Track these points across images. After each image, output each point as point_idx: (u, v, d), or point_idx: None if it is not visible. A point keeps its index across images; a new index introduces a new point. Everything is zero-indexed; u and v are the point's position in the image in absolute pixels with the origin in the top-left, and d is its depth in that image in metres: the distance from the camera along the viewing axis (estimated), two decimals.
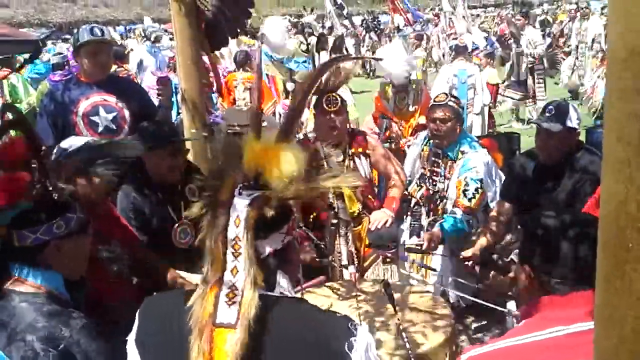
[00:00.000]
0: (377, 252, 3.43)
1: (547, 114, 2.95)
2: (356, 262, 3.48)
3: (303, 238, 3.12)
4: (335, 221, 3.36)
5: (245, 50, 6.50)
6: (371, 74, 15.38)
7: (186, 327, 1.25)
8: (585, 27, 12.17)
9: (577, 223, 1.44)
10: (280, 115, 6.01)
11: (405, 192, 3.78)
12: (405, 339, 2.30)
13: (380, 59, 2.88)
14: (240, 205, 1.28)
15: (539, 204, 3.05)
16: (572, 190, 2.92)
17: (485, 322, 3.78)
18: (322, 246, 3.16)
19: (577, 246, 1.39)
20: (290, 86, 4.95)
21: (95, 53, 3.23)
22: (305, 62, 6.77)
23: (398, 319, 2.35)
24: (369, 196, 3.54)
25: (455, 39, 9.17)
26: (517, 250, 1.92)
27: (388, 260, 3.45)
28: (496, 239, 3.26)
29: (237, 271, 1.26)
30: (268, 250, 1.33)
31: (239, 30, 3.66)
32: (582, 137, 3.46)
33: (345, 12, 16.68)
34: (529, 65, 8.68)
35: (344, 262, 3.48)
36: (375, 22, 17.15)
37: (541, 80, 8.87)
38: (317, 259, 3.17)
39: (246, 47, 7.53)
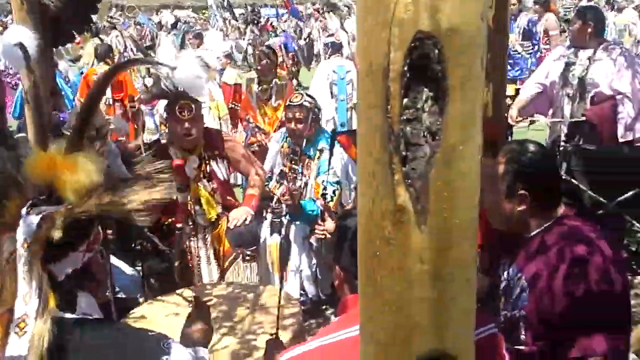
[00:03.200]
0: (237, 251, 3.41)
1: None
2: (215, 264, 3.46)
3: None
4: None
5: (107, 44, 6.20)
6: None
7: None
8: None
9: None
10: (143, 112, 5.80)
11: (267, 189, 3.78)
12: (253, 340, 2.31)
13: (174, 68, 2.80)
14: (28, 226, 1.18)
15: None
16: None
17: None
18: (168, 251, 3.08)
19: None
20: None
21: None
22: None
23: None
24: (228, 197, 3.50)
25: (332, 35, 9.32)
26: None
27: (248, 258, 3.44)
28: None
29: (30, 298, 1.16)
30: (65, 271, 1.25)
31: (85, 27, 3.47)
32: None
33: (225, 2, 16.44)
34: None
35: (203, 265, 3.44)
36: (255, 15, 17.06)
37: None
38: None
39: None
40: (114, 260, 3.40)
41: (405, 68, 0.74)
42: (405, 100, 0.76)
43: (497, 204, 1.89)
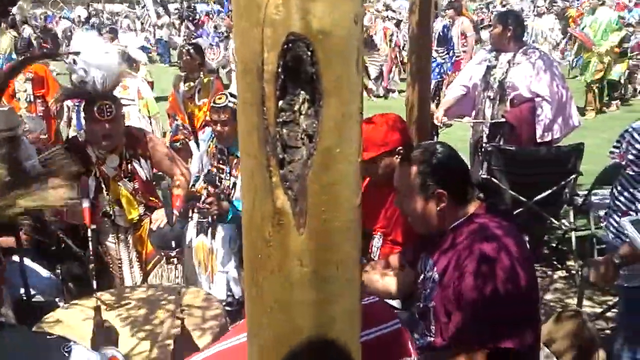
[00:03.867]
0: (161, 253, 3.33)
1: None
2: (138, 266, 3.37)
3: None
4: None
5: (27, 38, 5.93)
6: None
7: None
8: None
9: None
10: (70, 108, 5.60)
11: (193, 190, 3.71)
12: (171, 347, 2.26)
13: (77, 53, 2.72)
14: None
15: None
16: None
17: None
18: (82, 254, 2.97)
19: None
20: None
21: None
22: None
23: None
24: (152, 197, 3.41)
25: None
26: None
27: (172, 260, 3.37)
28: None
29: None
30: None
31: (2, 18, 3.31)
32: None
33: None
34: None
35: (125, 267, 3.35)
36: (190, 11, 16.76)
37: None
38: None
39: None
40: (30, 263, 3.27)
41: (279, 69, 0.74)
42: (280, 102, 0.75)
43: (417, 209, 1.94)
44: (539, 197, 3.88)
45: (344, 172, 0.79)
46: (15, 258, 2.96)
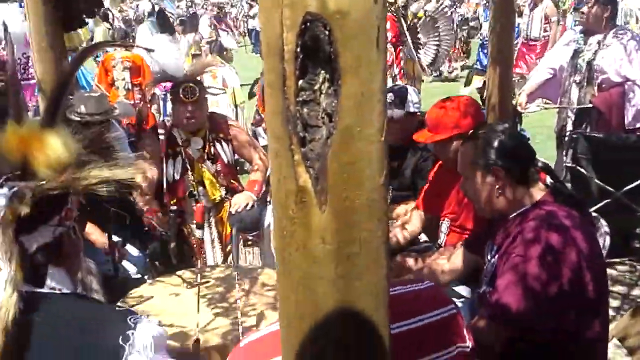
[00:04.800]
0: (239, 235, 3.46)
1: (388, 101, 3.07)
2: (219, 246, 3.53)
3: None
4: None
5: (124, 28, 6.29)
6: None
7: None
8: None
9: None
10: (158, 96, 5.90)
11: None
12: (240, 324, 2.35)
13: (151, 50, 2.84)
14: (1, 200, 1.20)
15: (388, 183, 3.18)
16: (415, 167, 3.08)
17: None
18: (163, 233, 3.14)
19: None
20: None
21: None
22: None
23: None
24: (232, 180, 3.55)
25: None
26: None
27: (249, 243, 3.49)
28: None
29: (0, 269, 1.19)
30: (35, 245, 1.27)
31: (96, 10, 3.53)
32: None
33: None
34: None
35: (207, 247, 3.51)
36: None
37: None
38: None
39: None
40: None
41: (298, 49, 0.75)
42: (300, 81, 0.77)
43: (477, 189, 1.92)
44: (628, 187, 3.63)
45: (365, 151, 0.79)
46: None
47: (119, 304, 2.41)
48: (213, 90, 5.82)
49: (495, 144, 1.89)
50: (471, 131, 2.47)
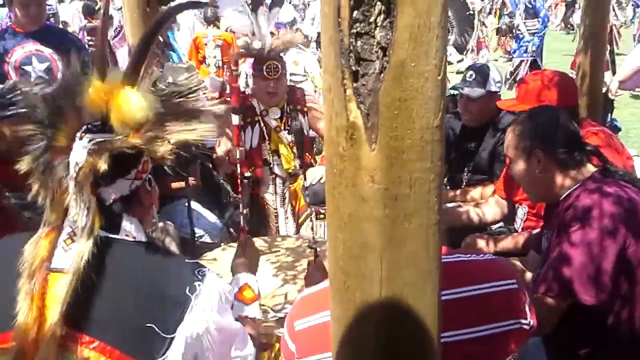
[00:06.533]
0: (312, 208, 3.48)
1: (468, 79, 2.97)
2: (292, 218, 3.58)
3: None
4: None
5: (214, 7, 6.45)
6: None
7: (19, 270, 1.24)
8: None
9: None
10: (246, 74, 6.01)
11: None
12: None
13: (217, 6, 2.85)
14: (80, 151, 1.26)
15: (463, 165, 3.09)
16: (493, 150, 2.96)
17: None
18: (238, 199, 3.21)
19: None
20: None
21: (26, 4, 3.23)
22: None
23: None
24: (307, 153, 3.57)
25: None
26: None
27: (321, 216, 3.50)
28: None
29: (79, 218, 1.25)
30: (113, 196, 1.31)
31: None
32: None
33: None
34: None
35: (280, 218, 3.56)
36: None
37: None
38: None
39: None
40: (201, 208, 3.64)
41: None
42: (355, 12, 0.75)
43: (520, 173, 1.92)
44: None
45: (418, 87, 0.77)
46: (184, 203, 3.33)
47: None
48: (295, 77, 5.86)
49: (536, 127, 1.87)
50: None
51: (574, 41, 9.26)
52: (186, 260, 1.40)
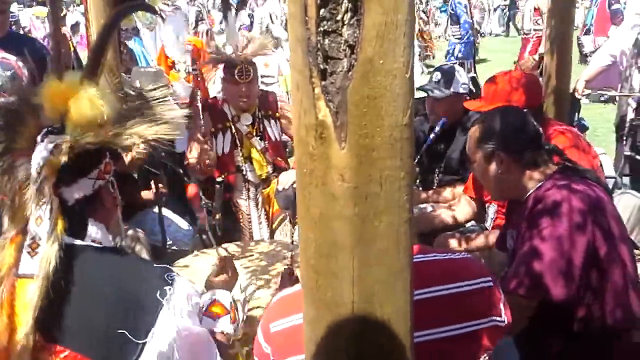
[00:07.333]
0: (285, 213, 3.47)
1: (435, 80, 3.00)
2: (266, 223, 3.56)
3: None
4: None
5: (184, 13, 6.42)
6: None
7: None
8: None
9: None
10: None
11: None
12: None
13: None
14: (42, 152, 1.25)
15: (434, 166, 3.12)
16: (464, 150, 2.99)
17: None
18: (210, 205, 3.19)
19: None
20: None
21: None
22: None
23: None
24: (279, 158, 3.56)
25: None
26: None
27: (295, 221, 3.50)
28: None
29: (42, 220, 1.24)
30: (75, 196, 1.30)
31: None
32: None
33: None
34: None
35: (254, 223, 3.54)
36: None
37: None
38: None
39: None
40: (172, 215, 3.60)
41: None
42: (322, 11, 0.75)
43: (481, 173, 1.94)
44: None
45: (386, 85, 0.77)
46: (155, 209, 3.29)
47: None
48: (267, 79, 5.85)
49: (497, 127, 1.88)
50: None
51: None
52: (155, 265, 1.38)
